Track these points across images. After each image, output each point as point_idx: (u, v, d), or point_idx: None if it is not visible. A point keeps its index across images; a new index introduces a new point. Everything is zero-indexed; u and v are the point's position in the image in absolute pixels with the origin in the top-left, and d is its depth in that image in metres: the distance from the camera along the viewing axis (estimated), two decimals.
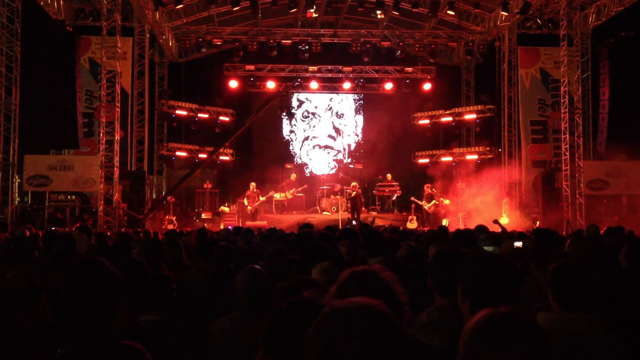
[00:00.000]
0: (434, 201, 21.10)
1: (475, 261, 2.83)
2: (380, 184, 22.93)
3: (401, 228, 13.52)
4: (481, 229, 7.51)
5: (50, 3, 19.97)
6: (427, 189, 21.49)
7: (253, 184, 21.26)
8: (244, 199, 20.98)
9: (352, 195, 20.59)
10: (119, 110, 18.56)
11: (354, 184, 21.06)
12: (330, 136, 27.48)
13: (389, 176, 22.89)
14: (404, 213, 21.97)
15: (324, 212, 21.91)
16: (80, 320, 2.22)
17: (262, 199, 21.11)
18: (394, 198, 22.68)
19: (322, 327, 1.61)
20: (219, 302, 4.77)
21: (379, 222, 20.54)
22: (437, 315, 3.14)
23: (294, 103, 27.31)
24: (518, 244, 6.46)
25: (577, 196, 18.91)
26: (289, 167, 24.75)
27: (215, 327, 3.92)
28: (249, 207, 20.70)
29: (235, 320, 3.87)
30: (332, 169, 26.85)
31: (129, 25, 21.70)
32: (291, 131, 27.34)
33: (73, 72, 21.58)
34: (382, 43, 23.33)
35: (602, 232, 9.81)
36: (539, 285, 4.65)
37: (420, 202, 21.14)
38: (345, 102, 27.62)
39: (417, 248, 6.15)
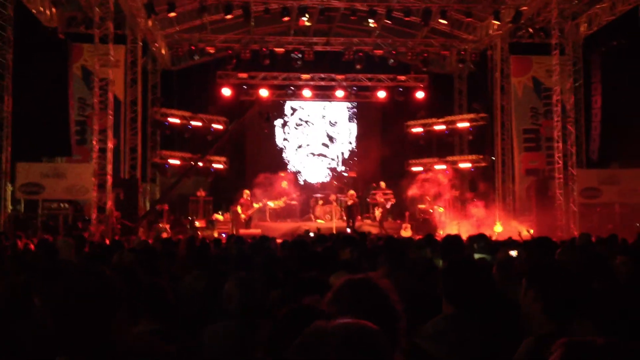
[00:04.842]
0: (380, 209, 21.16)
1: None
2: (374, 191, 22.94)
3: (396, 236, 13.54)
4: (481, 237, 7.52)
5: (42, 11, 19.92)
6: (378, 196, 21.59)
7: (247, 191, 21.21)
8: (237, 207, 20.93)
9: (349, 203, 20.55)
10: (111, 118, 18.51)
11: (351, 192, 21.01)
12: (323, 144, 27.50)
13: (382, 184, 22.90)
14: (398, 221, 21.97)
15: (318, 220, 21.88)
16: (80, 328, 2.24)
17: (256, 206, 21.05)
18: (388, 206, 22.66)
19: (303, 346, 1.60)
20: (214, 310, 4.74)
21: (372, 230, 20.55)
22: (443, 325, 3.18)
23: (287, 111, 27.34)
24: (513, 252, 6.46)
25: (571, 204, 18.96)
26: (282, 175, 24.73)
27: (207, 335, 3.89)
28: (243, 215, 20.64)
29: (226, 329, 3.84)
30: (326, 176, 26.85)
31: (122, 33, 21.65)
32: (285, 139, 27.35)
33: (65, 79, 21.51)
34: (375, 51, 23.41)
35: (594, 240, 9.83)
36: None
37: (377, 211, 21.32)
38: (339, 110, 27.66)
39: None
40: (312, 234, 15.06)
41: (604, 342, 1.69)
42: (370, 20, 20.52)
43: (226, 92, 24.60)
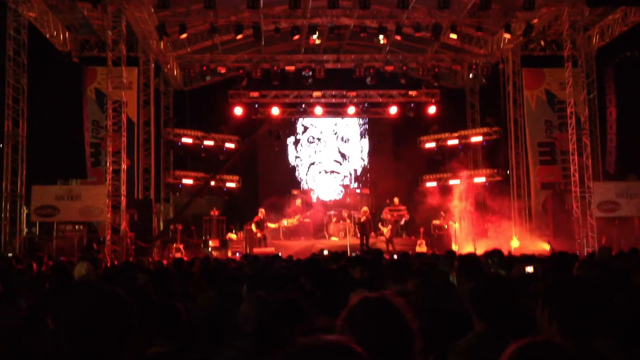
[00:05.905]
0: (389, 226, 20.98)
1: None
2: (387, 208, 22.82)
3: (411, 253, 13.43)
4: (496, 252, 7.41)
5: (55, 35, 20.18)
6: (384, 214, 21.45)
7: (262, 210, 21.16)
8: (252, 225, 20.84)
9: (362, 220, 20.45)
10: (125, 139, 18.61)
11: (364, 209, 20.91)
12: (336, 161, 27.49)
13: (396, 200, 22.78)
14: (413, 237, 21.83)
15: (332, 238, 21.80)
16: (93, 350, 2.23)
17: (272, 226, 21.05)
18: (402, 222, 22.52)
19: None
20: (228, 330, 4.69)
21: (383, 246, 20.45)
22: (475, 341, 3.21)
23: (299, 129, 27.39)
24: (529, 269, 6.34)
25: (588, 218, 18.71)
26: (295, 193, 24.72)
27: (222, 357, 3.84)
28: (258, 234, 20.58)
29: (241, 350, 3.79)
30: (338, 193, 26.80)
31: (134, 56, 21.88)
32: (297, 157, 27.38)
33: (80, 102, 21.78)
34: (386, 67, 23.41)
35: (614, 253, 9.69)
36: None
37: (381, 228, 21.06)
38: (350, 126, 27.69)
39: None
40: (326, 252, 15.01)
41: (556, 343, 1.75)
42: (380, 37, 20.55)
43: (238, 111, 24.72)
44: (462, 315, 3.76)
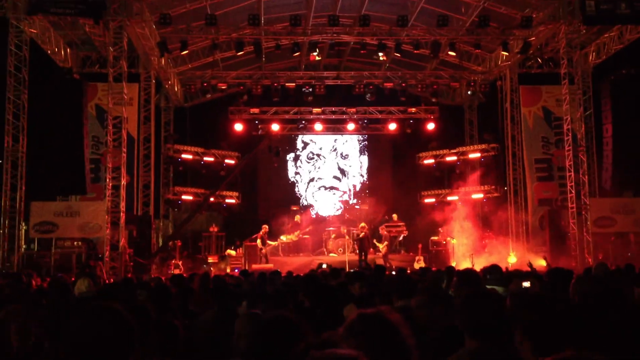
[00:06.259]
0: (385, 242, 20.97)
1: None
2: (386, 224, 22.84)
3: (408, 270, 13.46)
4: (494, 268, 7.45)
5: (57, 51, 20.31)
6: (381, 230, 21.47)
7: (265, 226, 21.14)
8: (257, 241, 20.75)
9: (360, 236, 20.48)
10: (125, 155, 18.63)
11: (362, 225, 20.93)
12: (335, 177, 27.55)
13: (395, 216, 22.82)
14: (411, 253, 21.83)
15: (331, 254, 21.78)
16: None
17: (272, 243, 21.08)
18: (401, 238, 22.54)
19: None
20: (225, 347, 4.72)
21: (381, 262, 20.43)
22: (467, 358, 3.13)
23: (299, 145, 27.48)
24: (526, 284, 6.39)
25: (585, 234, 18.77)
26: (294, 209, 24.74)
27: None
28: (263, 250, 20.54)
29: None
30: (337, 210, 26.83)
31: (135, 72, 21.98)
32: (296, 173, 27.44)
33: (80, 118, 21.87)
34: (385, 84, 23.54)
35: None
36: None
37: (377, 245, 21.04)
38: (350, 143, 27.78)
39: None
40: (324, 265, 15.04)
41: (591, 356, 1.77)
42: (380, 54, 20.70)
43: (238, 127, 24.78)
44: None
